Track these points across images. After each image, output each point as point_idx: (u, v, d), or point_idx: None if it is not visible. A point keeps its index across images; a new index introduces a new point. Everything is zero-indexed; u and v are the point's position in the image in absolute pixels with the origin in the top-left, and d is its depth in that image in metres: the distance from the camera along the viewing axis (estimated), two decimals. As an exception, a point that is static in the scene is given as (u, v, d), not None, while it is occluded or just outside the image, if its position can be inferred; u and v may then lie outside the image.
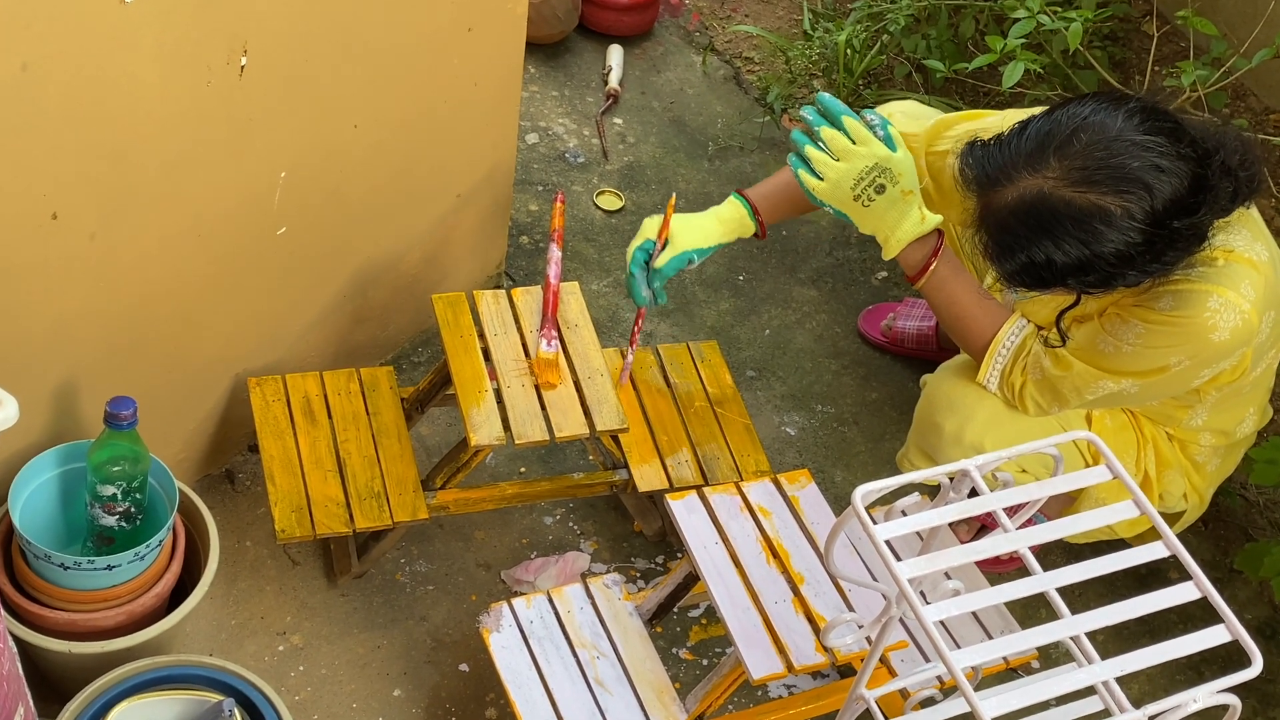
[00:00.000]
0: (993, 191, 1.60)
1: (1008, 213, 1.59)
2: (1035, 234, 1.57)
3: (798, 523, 1.75)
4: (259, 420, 1.90)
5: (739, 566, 1.69)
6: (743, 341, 2.44)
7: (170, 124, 1.57)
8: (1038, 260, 1.58)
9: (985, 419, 1.85)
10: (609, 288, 2.47)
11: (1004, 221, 1.59)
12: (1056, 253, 1.57)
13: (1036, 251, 1.58)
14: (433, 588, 2.01)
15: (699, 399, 2.08)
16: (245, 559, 1.99)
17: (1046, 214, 1.56)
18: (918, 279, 1.80)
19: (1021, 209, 1.57)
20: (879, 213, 1.74)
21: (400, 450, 1.91)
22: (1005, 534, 1.21)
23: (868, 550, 1.77)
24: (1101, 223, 1.55)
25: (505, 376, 1.84)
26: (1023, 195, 1.58)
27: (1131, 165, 1.54)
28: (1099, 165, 1.54)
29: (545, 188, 2.63)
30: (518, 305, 1.93)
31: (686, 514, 1.73)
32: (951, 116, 1.87)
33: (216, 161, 1.66)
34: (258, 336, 1.96)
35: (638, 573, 2.08)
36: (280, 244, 1.86)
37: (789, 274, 2.58)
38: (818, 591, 1.67)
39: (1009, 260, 1.61)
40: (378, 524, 1.83)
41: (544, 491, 1.97)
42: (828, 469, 2.26)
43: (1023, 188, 1.58)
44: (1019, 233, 1.58)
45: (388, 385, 1.98)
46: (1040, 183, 1.57)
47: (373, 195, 1.96)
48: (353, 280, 2.05)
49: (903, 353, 2.43)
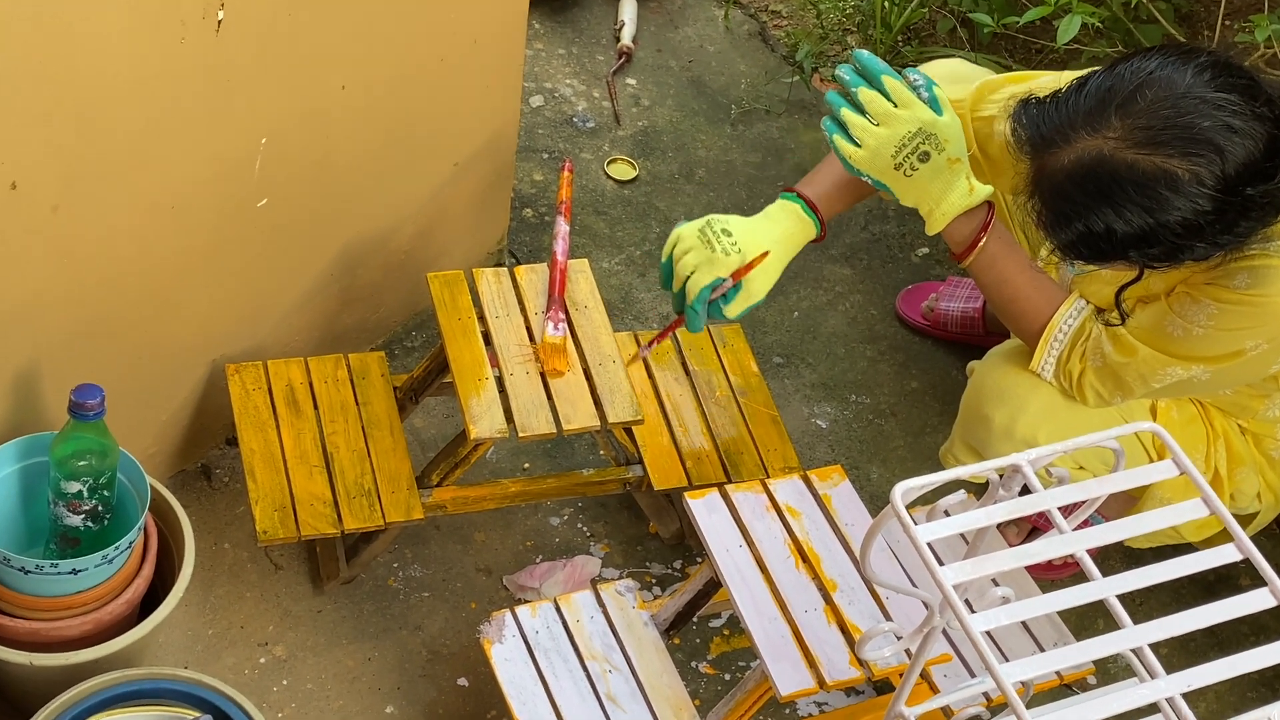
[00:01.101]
0: (1048, 154, 1.60)
1: (1064, 177, 1.58)
2: (1094, 200, 1.57)
3: (830, 524, 1.75)
4: (238, 411, 1.91)
5: (765, 572, 1.69)
6: (769, 325, 2.44)
7: (140, 85, 1.57)
8: (1096, 230, 1.58)
9: (1039, 410, 1.85)
10: (621, 265, 2.48)
11: (1060, 187, 1.59)
12: (1117, 221, 1.57)
13: (1095, 220, 1.58)
14: (429, 594, 2.02)
15: (721, 388, 2.08)
16: (223, 563, 1.99)
17: (1107, 178, 1.56)
18: (965, 256, 1.79)
19: (1079, 173, 1.57)
20: (923, 183, 1.73)
21: (393, 444, 1.91)
22: (1060, 536, 1.21)
23: (907, 554, 1.76)
24: (1167, 188, 1.54)
25: (508, 363, 1.84)
26: (1081, 158, 1.57)
27: (1201, 125, 1.53)
28: (1165, 125, 1.54)
29: (551, 155, 2.63)
30: (521, 285, 1.93)
31: (707, 514, 1.74)
32: (999, 78, 1.86)
33: (191, 126, 1.66)
34: (237, 319, 1.96)
35: (653, 579, 2.08)
36: (261, 217, 1.86)
37: (820, 250, 2.57)
38: (852, 599, 1.67)
39: (1065, 229, 1.61)
40: (368, 525, 1.83)
41: (550, 489, 1.98)
42: (863, 465, 2.27)
43: (1081, 149, 1.58)
44: (1076, 199, 1.58)
45: (379, 372, 1.98)
46: (1100, 144, 1.57)
47: (362, 164, 1.97)
48: (340, 257, 2.06)
49: (946, 337, 2.43)
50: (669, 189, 2.62)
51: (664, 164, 2.65)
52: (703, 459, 1.99)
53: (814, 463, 2.24)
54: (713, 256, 1.77)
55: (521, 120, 2.58)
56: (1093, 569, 1.20)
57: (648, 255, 2.50)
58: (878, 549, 1.74)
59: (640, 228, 2.54)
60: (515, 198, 2.49)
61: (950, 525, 1.19)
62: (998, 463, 1.24)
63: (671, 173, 2.64)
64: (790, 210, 1.82)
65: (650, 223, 2.56)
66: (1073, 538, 1.21)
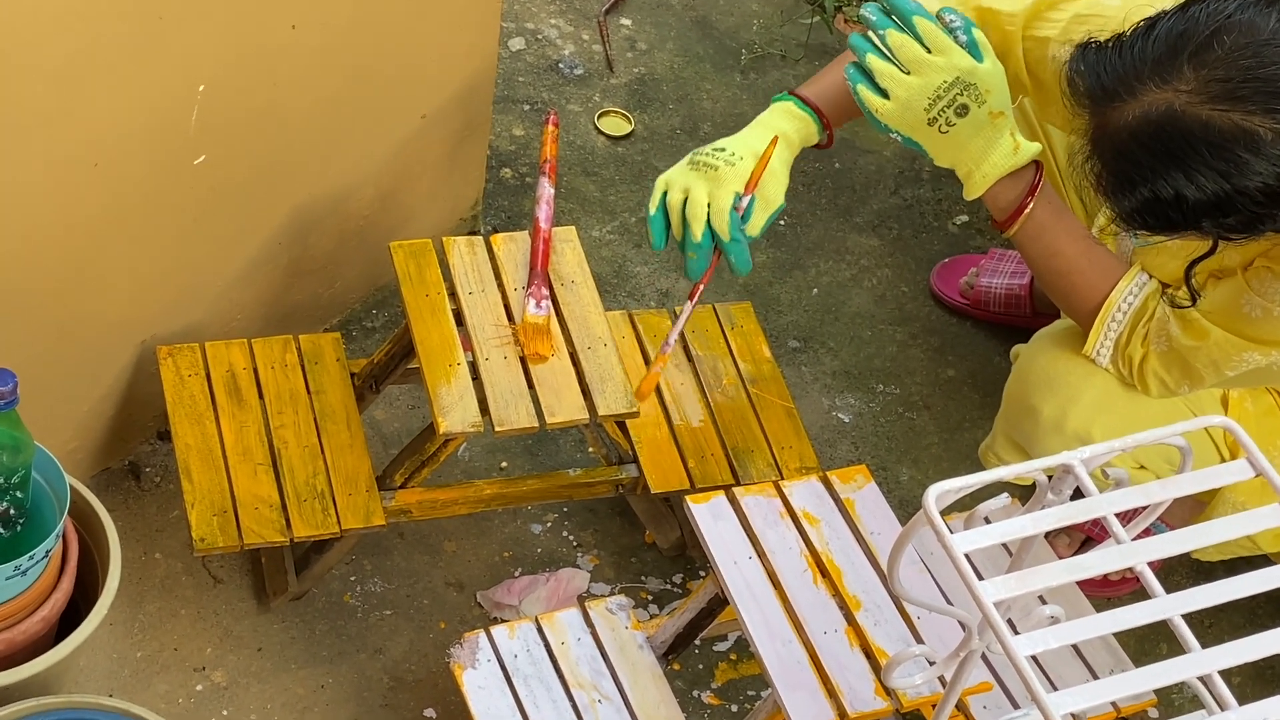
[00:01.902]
0: (1109, 108, 1.60)
1: (1128, 135, 1.58)
2: (1162, 162, 1.56)
3: (853, 532, 1.75)
4: (171, 400, 1.90)
5: (778, 587, 1.69)
6: (784, 304, 2.44)
7: (59, 20, 1.56)
8: (1164, 196, 1.58)
9: (1093, 401, 1.85)
10: (614, 234, 2.47)
11: (1123, 146, 1.59)
12: (1189, 186, 1.56)
13: (1163, 185, 1.57)
14: (391, 613, 2.01)
15: (728, 376, 2.07)
16: (154, 575, 1.99)
17: (1177, 137, 1.55)
18: (1009, 224, 1.79)
19: (1146, 130, 1.57)
20: (960, 140, 1.73)
21: (350, 439, 1.91)
22: (1117, 547, 1.21)
23: (942, 567, 1.77)
24: (1246, 149, 1.54)
25: (483, 346, 1.84)
26: (1147, 113, 1.57)
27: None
28: (1245, 76, 1.53)
29: (534, 107, 2.62)
30: (499, 256, 1.93)
31: (712, 521, 1.74)
32: None
33: (118, 70, 1.65)
34: (170, 294, 1.96)
35: (650, 595, 2.08)
36: (198, 176, 1.85)
37: (843, 217, 2.57)
38: (878, 619, 1.67)
39: (1128, 195, 1.60)
40: (321, 532, 1.84)
41: (531, 492, 1.98)
42: (891, 465, 2.27)
43: (1148, 103, 1.57)
44: (1142, 160, 1.58)
45: (334, 357, 1.98)
46: (1170, 97, 1.56)
47: (315, 115, 1.96)
48: (290, 224, 2.05)
49: (988, 317, 2.43)
50: (669, 146, 2.61)
51: (663, 117, 2.64)
52: (707, 458, 1.99)
53: (835, 462, 2.24)
54: (719, 174, 1.79)
55: (499, 66, 2.60)
56: (1155, 585, 1.20)
57: (644, 222, 2.50)
58: (908, 561, 1.74)
59: (635, 190, 2.54)
60: (492, 156, 2.49)
61: (991, 534, 1.19)
62: (1046, 462, 1.24)
63: (672, 128, 2.63)
64: (784, 109, 1.85)
65: (647, 185, 2.55)
66: (1132, 549, 1.21)
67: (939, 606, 1.35)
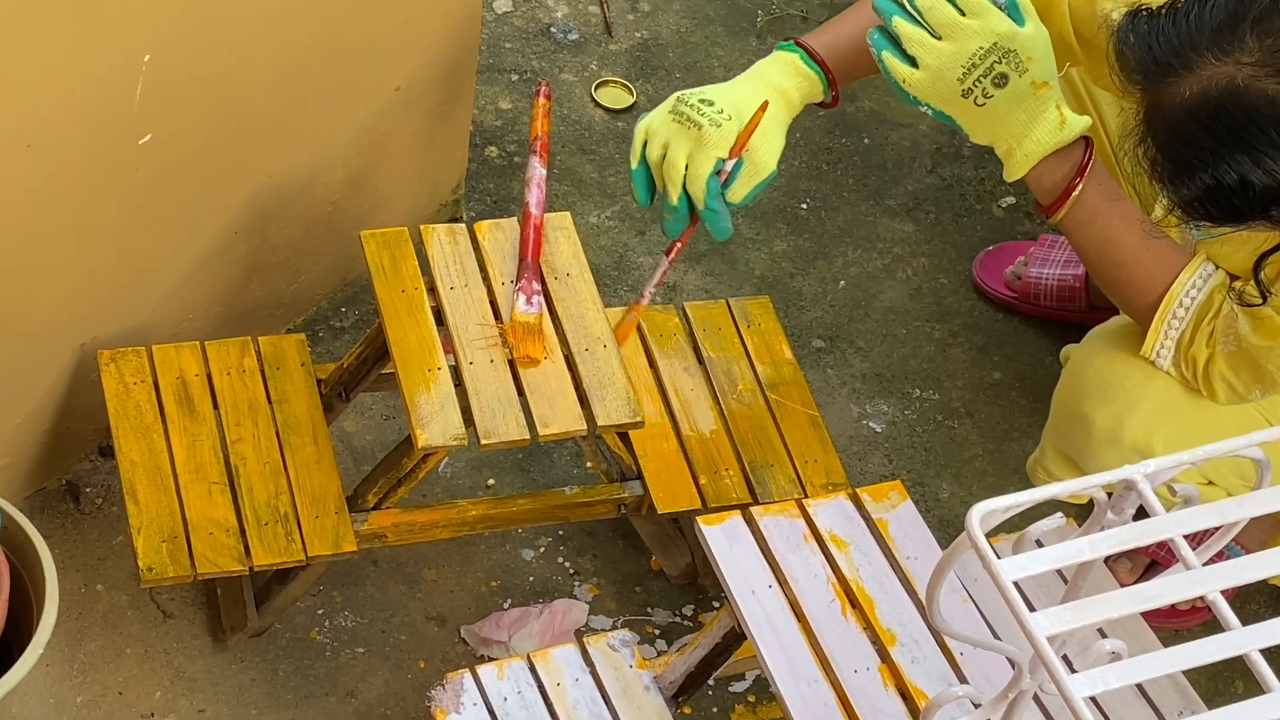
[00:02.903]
0: (1163, 84, 1.59)
1: (1185, 114, 1.57)
2: (1224, 144, 1.55)
3: (886, 557, 1.75)
4: (114, 411, 1.91)
5: (802, 620, 1.69)
6: (806, 298, 2.44)
7: (-15, -15, 1.56)
8: (1228, 182, 1.57)
9: (1154, 409, 1.85)
10: (614, 220, 2.48)
11: (1180, 127, 1.58)
12: (1254, 170, 1.55)
13: (1226, 170, 1.57)
14: (364, 650, 2.02)
15: (744, 380, 2.08)
16: (96, 609, 1.99)
17: (1240, 115, 1.54)
18: (1055, 209, 1.79)
19: (1205, 109, 1.56)
20: (999, 114, 1.73)
21: (316, 454, 1.92)
22: (1186, 572, 1.21)
23: (988, 596, 1.76)
24: (1319, 129, 1.54)
25: (467, 348, 1.85)
26: (1206, 89, 1.56)
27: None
28: (1317, 47, 1.53)
29: (523, 77, 2.63)
30: (484, 246, 1.93)
31: (727, 545, 1.73)
32: None
33: (51, 37, 1.65)
34: (112, 291, 1.96)
35: (656, 629, 2.09)
36: (143, 158, 1.85)
37: (873, 200, 2.57)
38: (915, 655, 1.67)
39: (1187, 182, 1.59)
40: (285, 559, 1.84)
41: (522, 513, 1.98)
42: (929, 480, 2.27)
43: (1206, 78, 1.56)
44: (1201, 143, 1.57)
45: (298, 361, 1.99)
46: (1231, 70, 1.55)
47: (275, 88, 1.96)
48: (248, 210, 2.05)
49: (1037, 313, 2.44)
50: (675, 120, 2.62)
51: (669, 88, 2.64)
52: (721, 473, 1.99)
53: (866, 478, 2.24)
54: (701, 134, 1.79)
55: (484, 31, 2.59)
56: (1229, 615, 1.19)
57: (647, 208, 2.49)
58: (949, 590, 1.74)
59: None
60: (475, 132, 2.49)
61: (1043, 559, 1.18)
62: (1105, 478, 1.23)
63: (679, 99, 2.64)
64: (784, 61, 1.85)
65: (651, 164, 2.56)
66: (1203, 575, 1.20)
67: (985, 641, 1.35)
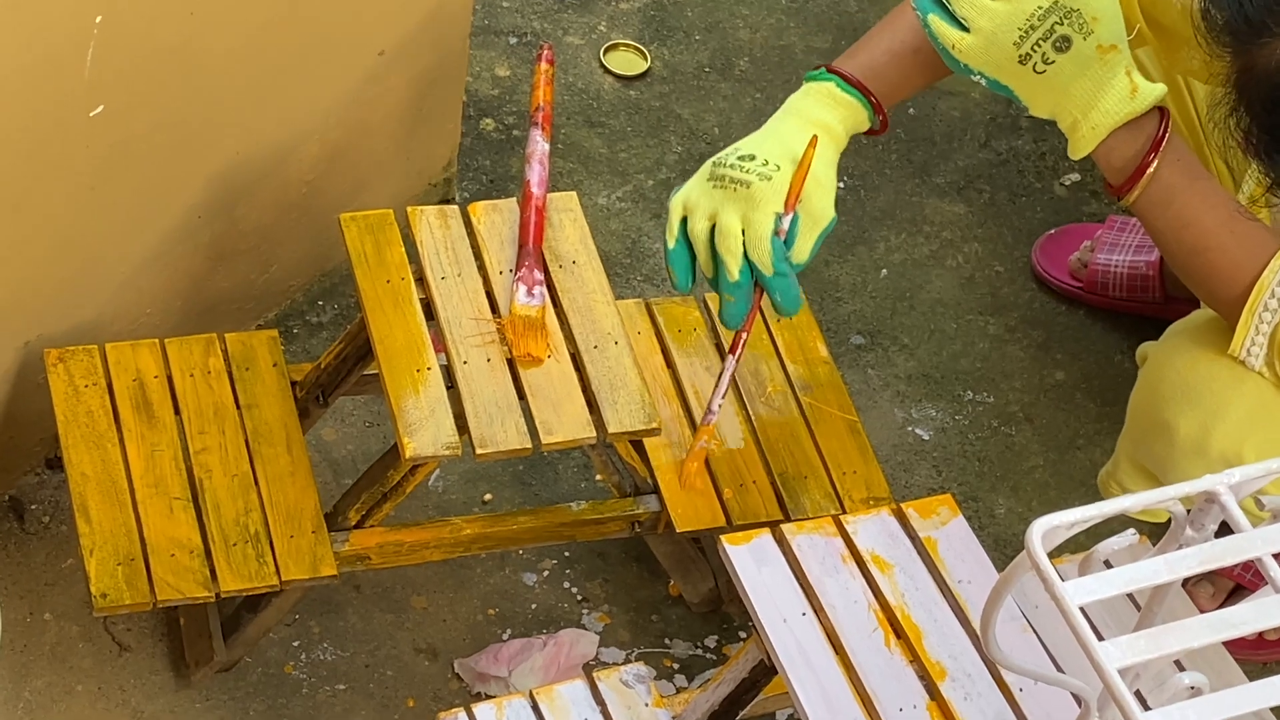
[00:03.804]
0: (1256, 46, 1.59)
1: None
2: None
3: (935, 581, 1.74)
4: (63, 418, 1.90)
5: (840, 652, 1.68)
6: (844, 288, 2.44)
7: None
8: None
9: (1245, 415, 1.84)
10: (625, 201, 2.48)
11: (1276, 93, 1.58)
12: (1361, 143, 1.56)
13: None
14: (345, 687, 2.02)
15: (774, 382, 2.08)
16: (43, 641, 1.99)
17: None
18: (1126, 189, 1.79)
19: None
20: (1061, 82, 1.73)
21: (291, 466, 1.92)
22: (1275, 596, 1.21)
23: (1050, 624, 1.76)
24: None
25: (460, 346, 1.85)
26: (1306, 51, 1.57)
27: None
28: None
29: (522, 40, 2.63)
30: (479, 230, 1.93)
31: (755, 567, 1.72)
32: None
33: (-9, -2, 1.66)
34: (59, 282, 1.96)
35: (675, 663, 2.09)
36: (95, 132, 1.86)
37: (919, 177, 2.57)
38: (968, 692, 1.67)
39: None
40: (256, 585, 1.83)
41: (523, 532, 1.98)
42: (984, 494, 2.27)
43: (1306, 38, 1.57)
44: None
45: (270, 361, 1.99)
46: (1335, 29, 1.56)
47: (242, 54, 1.96)
48: (211, 190, 2.05)
49: (1106, 304, 2.43)
50: (695, 88, 2.61)
51: (687, 51, 2.64)
52: (748, 486, 1.99)
53: (912, 491, 2.24)
54: (751, 192, 1.78)
55: (478, -13, 2.59)
56: (1323, 645, 1.20)
57: (663, 186, 2.49)
58: (1006, 617, 1.73)
59: (654, 145, 2.54)
60: (469, 102, 2.48)
61: (1114, 582, 1.18)
62: (1181, 489, 1.23)
63: (699, 64, 2.64)
64: (819, 92, 1.84)
65: (668, 138, 2.56)
66: (1294, 599, 1.21)
67: (1047, 675, 1.34)
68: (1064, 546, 1.99)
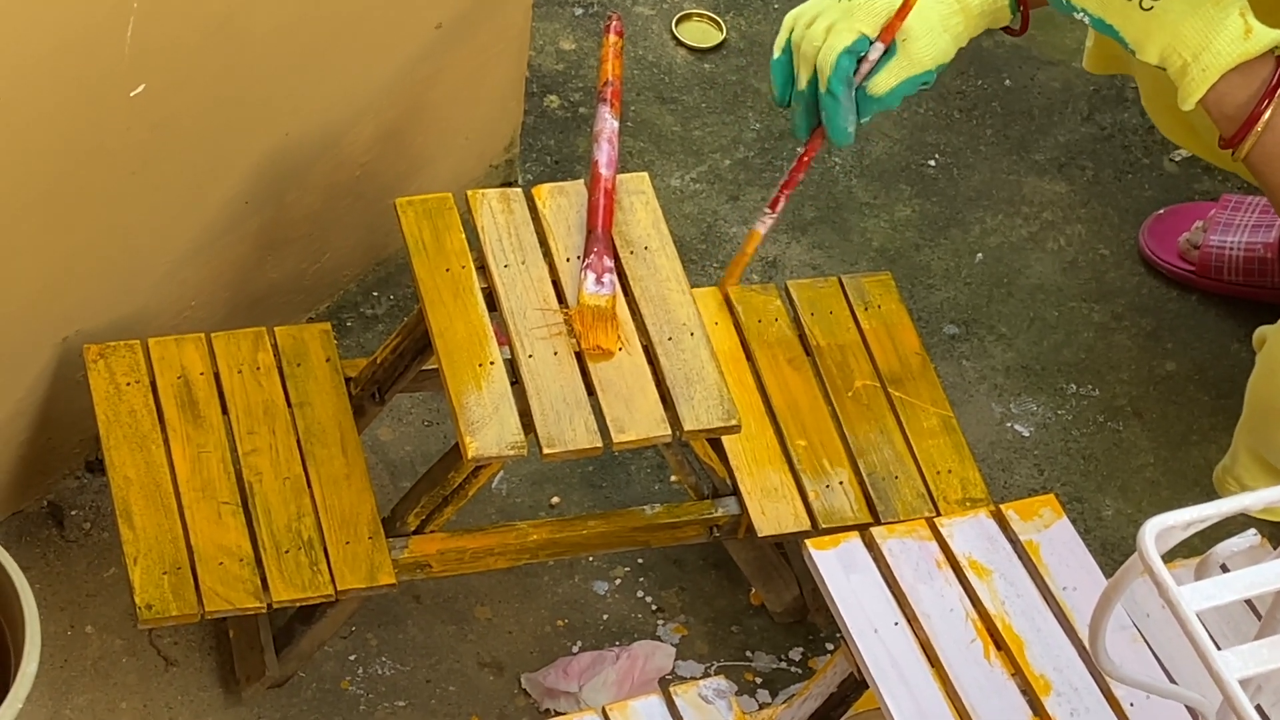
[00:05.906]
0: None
1: None
2: None
3: (1038, 588, 1.75)
4: (104, 418, 1.91)
5: (936, 665, 1.68)
6: (936, 274, 2.43)
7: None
8: None
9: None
10: (701, 182, 2.47)
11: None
12: None
13: None
14: (405, 703, 2.02)
15: (862, 375, 2.07)
16: (85, 654, 2.00)
17: None
18: (1238, 139, 1.77)
19: None
20: (1170, 20, 1.72)
21: (346, 468, 1.92)
22: None
23: (1164, 633, 1.75)
24: None
25: (525, 338, 1.84)
26: None
27: None
28: None
29: (588, 11, 2.64)
30: (544, 214, 1.93)
31: (843, 574, 1.73)
32: None
33: (24, -28, 1.66)
34: (100, 274, 1.97)
35: (758, 677, 2.08)
36: (136, 112, 1.86)
37: (1016, 153, 2.56)
38: (1075, 707, 1.67)
39: None
40: (310, 595, 1.84)
41: (594, 538, 1.98)
42: (1090, 494, 2.26)
43: None
44: None
45: (323, 356, 1.99)
46: None
47: (291, 28, 1.97)
48: (259, 175, 2.06)
49: (1221, 289, 2.42)
50: (775, 62, 2.61)
51: (765, 21, 2.65)
52: (834, 487, 1.98)
53: (1012, 491, 2.24)
54: (851, 5, 1.80)
55: (542, -43, 2.60)
56: None
57: (741, 166, 2.50)
58: (1116, 626, 1.72)
59: (730, 123, 2.54)
60: (532, 78, 2.50)
61: (1233, 586, 1.19)
62: (1309, 488, 1.22)
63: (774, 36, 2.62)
64: None
65: (746, 114, 2.56)
66: None
67: (1161, 687, 1.35)
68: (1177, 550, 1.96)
